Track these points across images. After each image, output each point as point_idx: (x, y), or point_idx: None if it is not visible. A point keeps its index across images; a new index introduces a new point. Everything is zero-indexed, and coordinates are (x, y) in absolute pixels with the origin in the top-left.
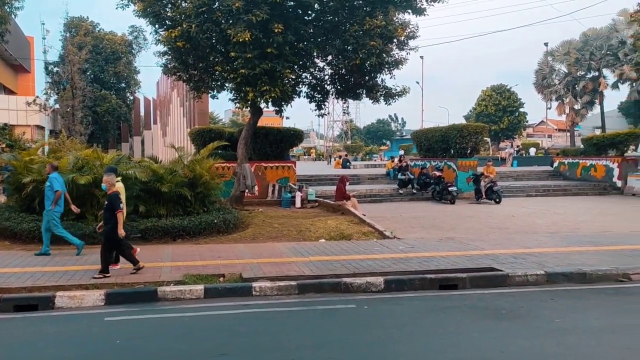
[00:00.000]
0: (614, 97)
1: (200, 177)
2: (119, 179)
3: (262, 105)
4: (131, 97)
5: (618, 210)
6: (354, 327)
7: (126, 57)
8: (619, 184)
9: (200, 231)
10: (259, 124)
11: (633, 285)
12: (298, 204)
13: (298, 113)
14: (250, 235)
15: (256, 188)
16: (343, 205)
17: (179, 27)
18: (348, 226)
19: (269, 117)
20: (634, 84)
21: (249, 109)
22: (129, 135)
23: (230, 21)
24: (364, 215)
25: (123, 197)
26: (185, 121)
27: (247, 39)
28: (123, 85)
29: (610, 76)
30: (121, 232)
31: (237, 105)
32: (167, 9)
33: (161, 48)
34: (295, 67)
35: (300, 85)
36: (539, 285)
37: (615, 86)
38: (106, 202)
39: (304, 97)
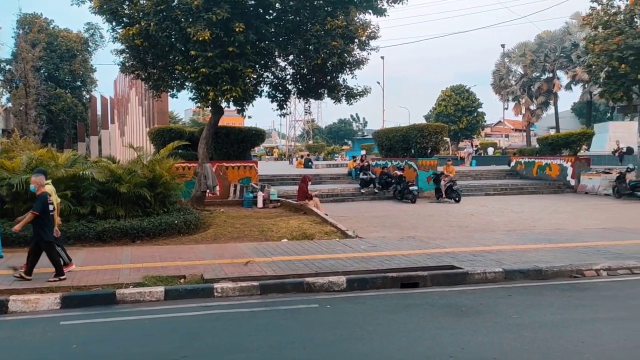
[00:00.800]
0: (568, 98)
1: (160, 177)
2: (49, 181)
3: (223, 104)
4: (87, 96)
5: (572, 209)
6: (317, 327)
7: (82, 55)
8: (573, 182)
9: (161, 232)
10: (220, 123)
11: (586, 281)
12: (260, 204)
13: (260, 112)
14: (211, 235)
15: (217, 188)
16: (305, 205)
17: (137, 25)
18: (310, 226)
19: (230, 117)
20: (586, 86)
21: (209, 108)
22: (85, 135)
23: (190, 19)
24: (326, 214)
25: (53, 198)
26: (144, 120)
27: (207, 37)
28: (79, 83)
29: (564, 77)
30: (16, 228)
31: (198, 104)
32: (125, 6)
33: (119, 46)
34: (257, 66)
35: (261, 85)
36: (498, 282)
37: (568, 87)
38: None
39: (266, 96)
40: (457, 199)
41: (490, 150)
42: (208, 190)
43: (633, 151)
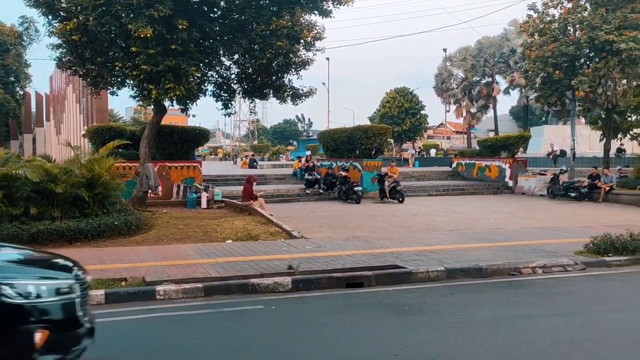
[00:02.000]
0: (506, 102)
1: (99, 177)
2: None
3: (167, 103)
4: (21, 92)
5: (509, 209)
6: (262, 328)
7: (15, 49)
8: (511, 183)
9: (100, 234)
10: (163, 122)
11: (523, 279)
12: (204, 204)
13: (204, 112)
14: (153, 237)
15: (160, 188)
16: (250, 205)
17: (74, 19)
18: (255, 226)
19: (173, 116)
20: (523, 90)
21: (152, 106)
22: (18, 133)
23: (132, 15)
24: (272, 215)
25: None
26: (82, 118)
27: (149, 35)
28: (12, 79)
29: (502, 82)
30: None
31: (140, 102)
32: (62, 0)
33: (55, 40)
34: (201, 65)
35: (206, 84)
36: (440, 281)
37: (506, 92)
38: None
39: (210, 95)
40: (400, 199)
41: (433, 152)
42: (150, 191)
43: (566, 154)
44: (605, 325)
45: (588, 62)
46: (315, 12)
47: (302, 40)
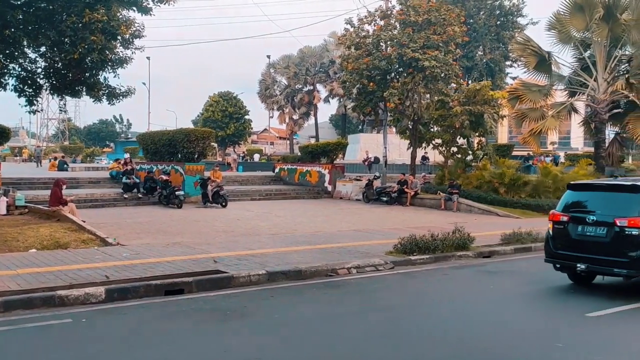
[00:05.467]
0: (326, 110)
1: None
2: None
3: None
4: None
5: (328, 212)
6: (70, 344)
7: None
8: (330, 188)
9: None
10: None
11: (340, 279)
12: (3, 210)
13: (4, 107)
14: None
15: None
16: (59, 211)
17: None
18: (65, 234)
19: None
20: (341, 100)
21: None
22: None
23: None
24: (84, 221)
25: None
26: None
27: None
28: None
29: (323, 91)
30: None
31: None
32: None
33: None
34: (1, 56)
35: (6, 77)
36: (261, 285)
37: (327, 100)
38: None
39: (12, 90)
40: (223, 204)
41: (257, 157)
42: None
43: (379, 160)
44: (411, 318)
45: (397, 77)
46: (134, 8)
47: (119, 37)
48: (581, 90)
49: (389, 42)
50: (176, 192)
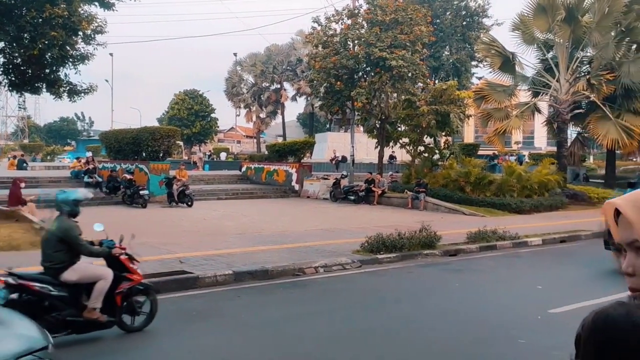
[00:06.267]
0: (294, 108)
1: None
2: None
3: None
4: None
5: (296, 212)
6: None
7: None
8: (297, 187)
9: None
10: None
11: (307, 278)
12: None
13: None
14: None
15: None
16: (18, 211)
17: None
18: (23, 235)
19: None
20: (308, 98)
21: None
22: None
23: None
24: (44, 222)
25: None
26: None
27: None
28: None
29: (290, 89)
30: None
31: None
32: None
33: None
34: None
35: None
36: (228, 285)
37: (294, 99)
38: None
39: None
40: (189, 203)
41: (223, 155)
42: None
43: (347, 159)
44: (377, 317)
45: (365, 76)
46: (96, 3)
47: (80, 32)
48: (544, 90)
49: (356, 41)
50: (140, 192)
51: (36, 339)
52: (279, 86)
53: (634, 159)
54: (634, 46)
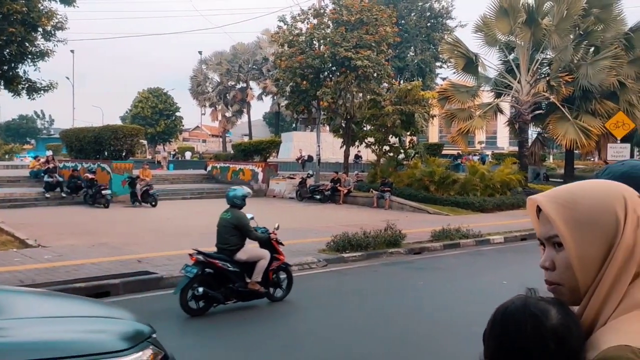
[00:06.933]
0: (260, 107)
1: None
2: None
3: None
4: None
5: (261, 211)
6: None
7: None
8: (263, 187)
9: None
10: None
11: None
12: None
13: None
14: None
15: None
16: None
17: None
18: None
19: None
20: (274, 98)
21: None
22: None
23: None
24: (2, 222)
25: None
26: None
27: None
28: None
29: (256, 88)
30: None
31: None
32: None
33: None
34: None
35: None
36: None
37: (260, 98)
38: None
39: None
40: (153, 203)
41: (188, 155)
42: None
43: (313, 159)
44: (341, 315)
45: (331, 76)
46: None
47: (40, 29)
48: (506, 91)
49: (322, 41)
50: (103, 191)
51: (145, 327)
52: (244, 85)
53: (592, 159)
54: (592, 49)
